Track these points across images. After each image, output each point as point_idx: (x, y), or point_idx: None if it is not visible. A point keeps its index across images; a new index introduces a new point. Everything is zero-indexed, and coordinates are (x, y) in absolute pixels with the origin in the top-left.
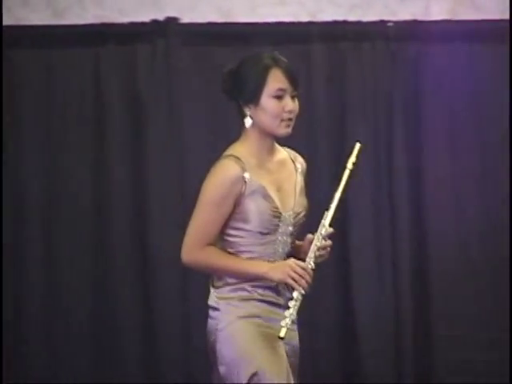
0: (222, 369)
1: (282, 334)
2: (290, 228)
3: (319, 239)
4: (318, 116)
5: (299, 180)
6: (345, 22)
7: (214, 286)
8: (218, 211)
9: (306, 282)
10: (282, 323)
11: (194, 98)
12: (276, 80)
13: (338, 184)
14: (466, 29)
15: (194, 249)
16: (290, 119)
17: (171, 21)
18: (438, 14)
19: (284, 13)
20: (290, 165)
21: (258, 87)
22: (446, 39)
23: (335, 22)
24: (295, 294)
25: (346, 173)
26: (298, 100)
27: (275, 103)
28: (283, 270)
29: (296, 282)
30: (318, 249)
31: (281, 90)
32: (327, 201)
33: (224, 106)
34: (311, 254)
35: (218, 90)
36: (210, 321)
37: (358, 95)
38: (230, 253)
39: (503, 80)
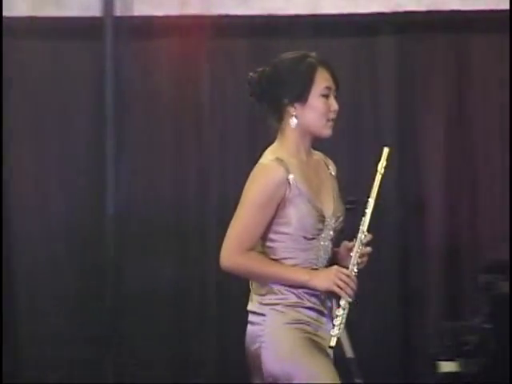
0: (267, 377)
1: (332, 344)
2: (331, 233)
3: (359, 246)
4: None
5: (335, 184)
6: None
7: (256, 293)
8: (262, 214)
9: (352, 289)
10: (332, 332)
11: None
12: (324, 78)
13: (371, 189)
14: (49, 26)
15: (236, 253)
16: (333, 119)
17: None
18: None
19: None
20: (324, 168)
21: (307, 85)
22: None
23: None
24: (342, 303)
25: (378, 178)
26: (337, 101)
27: (323, 102)
28: (328, 277)
29: (342, 289)
30: (360, 255)
31: (328, 88)
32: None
33: None
34: (354, 261)
35: None
36: (251, 327)
37: None
38: (272, 259)
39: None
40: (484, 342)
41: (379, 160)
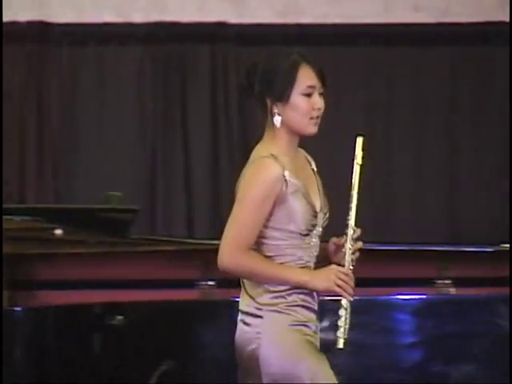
0: (266, 378)
1: (341, 345)
2: (320, 229)
3: (351, 242)
4: None
5: (319, 180)
6: None
7: (250, 293)
8: (261, 212)
9: (351, 287)
10: (339, 334)
11: None
12: (306, 77)
13: (352, 182)
14: None
15: (236, 253)
16: (317, 117)
17: None
18: None
19: None
20: (307, 165)
21: (289, 85)
22: None
23: None
24: (344, 302)
25: (358, 169)
26: (324, 98)
27: (305, 101)
28: (328, 277)
29: (343, 289)
30: (352, 252)
31: (310, 87)
32: None
33: None
34: (348, 258)
35: None
36: (245, 328)
37: None
38: (267, 257)
39: None
40: None
41: (354, 151)
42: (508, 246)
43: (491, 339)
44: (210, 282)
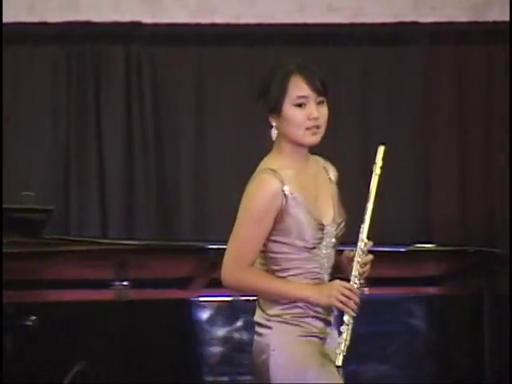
0: None
1: (339, 363)
2: (333, 240)
3: (360, 255)
4: None
5: (335, 190)
6: None
7: (261, 304)
8: (260, 228)
9: (355, 303)
10: (337, 351)
11: None
12: (297, 87)
13: (369, 192)
14: None
15: (237, 269)
16: (316, 127)
17: None
18: None
19: None
20: (324, 174)
21: (280, 96)
22: None
23: None
24: (346, 318)
25: (376, 179)
26: (328, 105)
27: (298, 112)
28: (330, 293)
29: (345, 304)
30: (361, 265)
31: (302, 97)
32: None
33: None
34: (355, 273)
35: None
36: (258, 338)
37: None
38: (274, 270)
39: None
40: None
41: (374, 160)
42: (422, 245)
43: (405, 339)
44: (124, 283)
